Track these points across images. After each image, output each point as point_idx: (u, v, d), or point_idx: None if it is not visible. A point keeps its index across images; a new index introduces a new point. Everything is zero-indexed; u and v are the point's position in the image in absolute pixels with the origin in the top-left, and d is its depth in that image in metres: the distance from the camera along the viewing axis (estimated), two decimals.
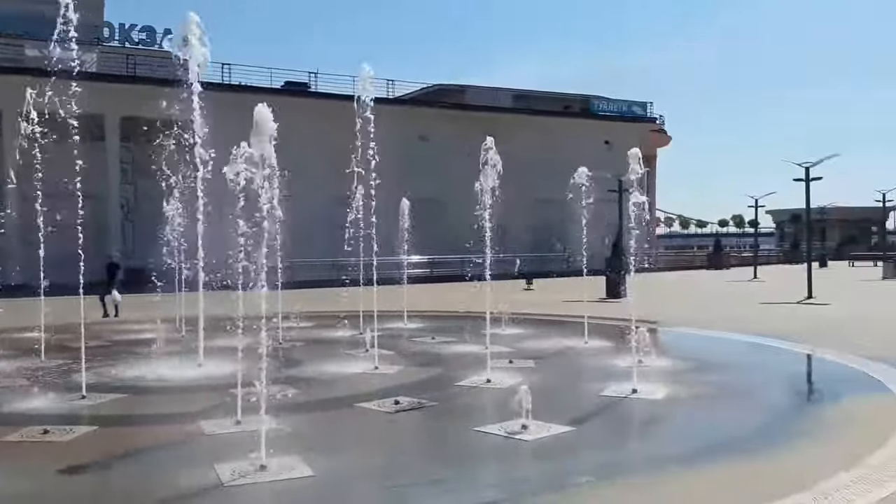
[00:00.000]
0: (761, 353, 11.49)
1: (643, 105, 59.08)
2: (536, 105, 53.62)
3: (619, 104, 57.50)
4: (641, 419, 7.37)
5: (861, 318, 17.63)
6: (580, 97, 58.13)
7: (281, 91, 41.33)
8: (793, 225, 74.20)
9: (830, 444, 5.96)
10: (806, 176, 25.63)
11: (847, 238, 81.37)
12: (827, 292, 24.59)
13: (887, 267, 36.48)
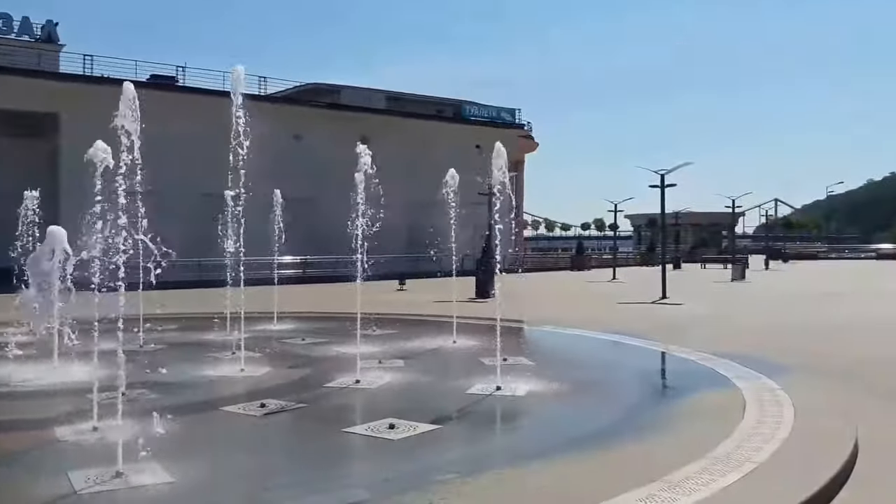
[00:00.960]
0: (619, 350, 12.07)
1: (511, 112, 60.82)
2: (410, 108, 54.06)
3: (489, 110, 58.91)
4: (505, 415, 7.59)
5: (711, 317, 18.94)
6: (452, 102, 59.13)
7: (146, 84, 39.45)
8: (649, 229, 78.38)
9: (680, 436, 6.33)
10: (661, 182, 27.22)
11: (699, 241, 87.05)
12: (680, 293, 26.19)
13: (735, 269, 39.28)
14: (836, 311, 20.23)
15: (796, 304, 22.81)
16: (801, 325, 16.65)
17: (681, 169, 28.18)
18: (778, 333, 15.23)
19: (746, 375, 8.91)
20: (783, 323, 17.43)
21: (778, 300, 24.89)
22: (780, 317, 19.01)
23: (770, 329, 16.08)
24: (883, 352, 12.23)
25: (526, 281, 38.06)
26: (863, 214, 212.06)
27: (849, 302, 23.25)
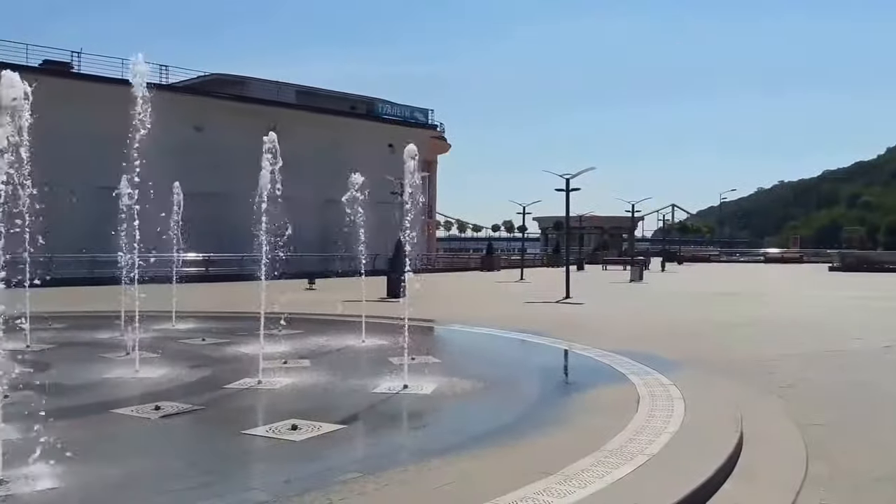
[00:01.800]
0: (523, 348, 12.33)
1: (425, 112, 61.01)
2: (322, 103, 53.31)
3: (402, 109, 58.87)
4: (411, 413, 7.60)
5: (610, 316, 19.60)
6: (365, 99, 58.71)
7: (38, 70, 37.39)
8: (556, 231, 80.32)
9: (578, 430, 6.50)
10: (566, 186, 27.95)
11: (602, 244, 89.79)
12: (582, 293, 26.98)
13: (634, 271, 40.77)
14: (725, 310, 21.28)
15: (689, 304, 23.87)
16: (692, 324, 17.46)
17: (586, 174, 29.03)
18: (671, 331, 15.91)
19: (641, 371, 9.24)
20: (676, 321, 18.22)
21: (672, 300, 25.97)
22: (673, 316, 19.84)
23: (664, 327, 16.78)
24: (767, 350, 12.95)
25: (438, 280, 38.40)
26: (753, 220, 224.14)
27: (737, 302, 24.50)
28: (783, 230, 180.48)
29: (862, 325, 16.90)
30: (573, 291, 26.29)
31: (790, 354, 12.42)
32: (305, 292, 26.97)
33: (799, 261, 74.74)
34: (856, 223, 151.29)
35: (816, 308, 21.96)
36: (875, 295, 27.02)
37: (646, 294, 29.88)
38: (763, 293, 29.02)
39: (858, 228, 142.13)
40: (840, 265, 56.65)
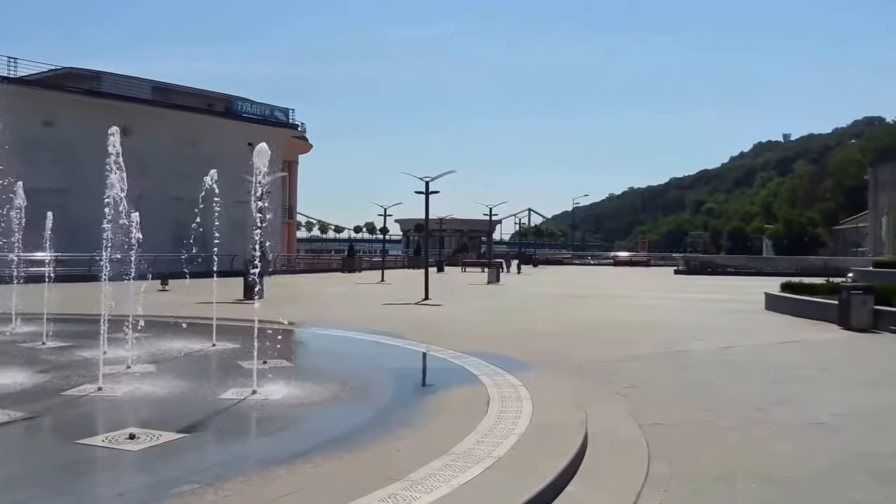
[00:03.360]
0: (379, 350, 12.21)
1: (285, 111, 59.76)
2: (178, 100, 51.06)
3: (261, 107, 57.38)
4: (259, 420, 7.32)
5: (466, 317, 19.95)
6: (224, 96, 56.78)
7: None
8: (417, 233, 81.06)
9: (426, 434, 6.49)
10: (426, 189, 28.24)
11: (461, 246, 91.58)
12: (441, 294, 27.32)
13: (491, 273, 41.78)
14: (575, 312, 22.21)
15: (542, 306, 24.72)
16: (544, 325, 18.08)
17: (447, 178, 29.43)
18: (524, 332, 16.39)
19: (493, 373, 9.42)
20: (529, 323, 18.80)
21: (526, 302, 26.80)
22: (527, 317, 20.47)
23: (518, 328, 17.27)
24: (613, 351, 13.57)
25: (298, 282, 37.70)
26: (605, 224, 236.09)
27: (587, 304, 25.63)
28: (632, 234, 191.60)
29: (703, 327, 18.07)
30: (432, 293, 26.57)
31: (635, 355, 13.08)
32: (157, 294, 25.67)
33: (646, 264, 79.32)
34: (700, 229, 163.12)
35: (661, 310, 23.31)
36: (716, 297, 29.02)
37: (502, 296, 30.68)
38: (611, 295, 30.53)
39: (702, 234, 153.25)
40: (685, 268, 60.61)
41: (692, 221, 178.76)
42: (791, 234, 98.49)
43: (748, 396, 9.47)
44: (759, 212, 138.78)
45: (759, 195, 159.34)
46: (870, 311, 17.15)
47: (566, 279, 46.87)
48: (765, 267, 58.92)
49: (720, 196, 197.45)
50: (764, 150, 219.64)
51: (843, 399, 9.33)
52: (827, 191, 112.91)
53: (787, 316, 20.52)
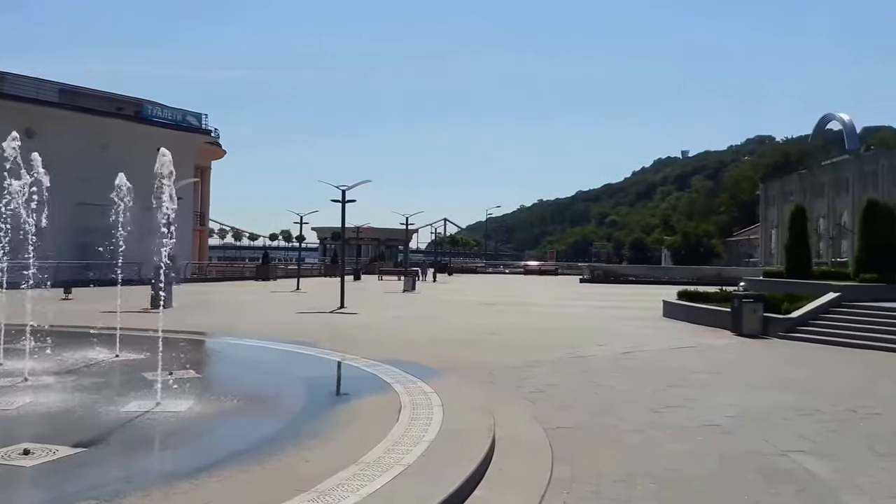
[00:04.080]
0: (291, 360, 12.08)
1: (198, 116, 58.23)
2: (87, 103, 49.01)
3: (173, 112, 55.72)
4: (162, 433, 7.12)
5: (381, 326, 19.96)
6: (134, 100, 54.86)
7: None
8: (333, 241, 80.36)
9: (338, 443, 6.49)
10: (342, 197, 28.14)
11: (378, 254, 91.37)
12: (357, 303, 27.23)
13: (407, 281, 41.89)
14: (487, 319, 22.55)
15: (455, 313, 24.98)
16: (458, 332, 18.30)
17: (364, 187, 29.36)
18: (438, 340, 16.57)
19: (405, 380, 9.50)
20: (443, 330, 19.00)
21: (441, 310, 27.01)
22: (441, 325, 20.67)
23: (431, 336, 17.43)
24: (522, 356, 13.89)
25: (210, 290, 36.72)
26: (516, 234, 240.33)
27: (499, 312, 26.04)
28: (542, 244, 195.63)
29: (605, 333, 18.73)
30: (348, 301, 26.46)
31: (542, 361, 13.44)
32: (60, 302, 24.55)
33: (555, 273, 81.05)
34: (604, 239, 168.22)
35: (567, 317, 23.96)
36: (618, 305, 30.04)
37: (417, 304, 30.82)
38: (522, 303, 31.13)
39: (606, 244, 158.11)
40: (590, 277, 62.39)
41: (597, 232, 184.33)
42: (688, 245, 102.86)
43: (647, 400, 9.89)
44: (659, 224, 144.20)
45: (658, 208, 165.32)
46: (760, 318, 18.16)
47: (479, 287, 47.44)
48: (663, 276, 61.29)
49: (623, 209, 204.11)
50: (663, 165, 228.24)
51: (735, 401, 9.86)
52: (722, 204, 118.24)
53: (683, 322, 21.48)
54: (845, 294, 18.77)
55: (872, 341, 15.57)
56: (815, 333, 17.04)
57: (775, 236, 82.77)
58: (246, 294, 36.18)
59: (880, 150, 72.40)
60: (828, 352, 15.15)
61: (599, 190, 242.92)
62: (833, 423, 8.46)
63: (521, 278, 71.03)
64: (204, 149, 59.19)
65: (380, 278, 58.46)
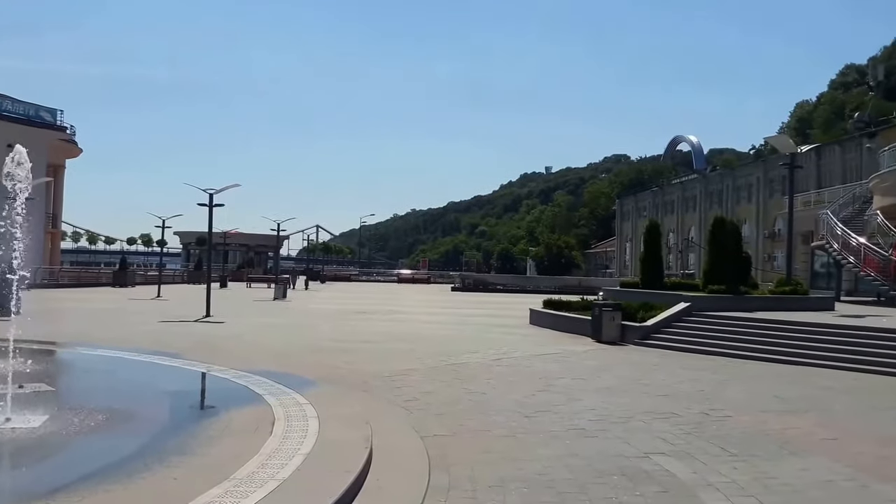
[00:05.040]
0: (155, 372, 11.55)
1: (53, 112, 54.67)
2: None
3: (25, 107, 52.03)
4: (12, 452, 6.60)
5: (250, 335, 19.40)
6: None
7: None
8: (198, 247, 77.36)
9: (207, 459, 6.27)
10: (210, 201, 27.16)
11: (247, 261, 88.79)
12: (224, 311, 26.36)
13: (278, 289, 40.92)
14: (361, 328, 22.45)
15: (329, 322, 24.69)
16: (331, 341, 18.11)
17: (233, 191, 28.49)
18: (311, 349, 16.33)
19: (278, 392, 9.31)
20: (316, 339, 18.73)
21: (313, 318, 26.61)
22: (313, 334, 20.36)
23: (304, 345, 17.15)
24: (397, 365, 13.94)
25: (62, 297, 34.31)
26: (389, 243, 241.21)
27: (372, 320, 25.98)
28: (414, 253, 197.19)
29: (476, 340, 19.10)
30: (215, 309, 25.55)
31: (416, 369, 13.54)
32: None
33: (427, 281, 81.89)
34: (474, 249, 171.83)
35: (439, 325, 24.24)
36: (488, 312, 30.72)
37: (289, 312, 30.21)
38: (395, 311, 31.21)
39: (476, 254, 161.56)
40: (461, 286, 63.46)
41: (467, 242, 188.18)
42: (551, 256, 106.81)
43: (517, 405, 10.19)
44: (525, 235, 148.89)
45: (524, 220, 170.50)
46: (618, 325, 19.14)
47: (353, 295, 47.11)
48: (529, 285, 63.28)
49: (491, 220, 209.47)
50: (529, 180, 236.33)
51: (598, 405, 10.33)
52: (582, 218, 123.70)
53: (548, 330, 22.30)
54: (695, 304, 20.08)
55: (720, 348, 16.75)
56: (668, 340, 18.14)
57: (630, 249, 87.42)
58: (102, 301, 34.13)
59: (724, 171, 77.90)
60: (680, 358, 16.15)
61: (470, 201, 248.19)
62: (689, 426, 9.03)
63: (395, 286, 71.18)
64: (58, 146, 55.61)
65: (248, 286, 56.79)
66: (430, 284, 76.77)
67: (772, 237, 58.95)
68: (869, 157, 43.56)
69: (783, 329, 17.19)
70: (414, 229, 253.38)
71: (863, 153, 47.79)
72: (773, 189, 60.34)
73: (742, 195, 67.20)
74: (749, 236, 58.51)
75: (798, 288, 23.41)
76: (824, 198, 42.28)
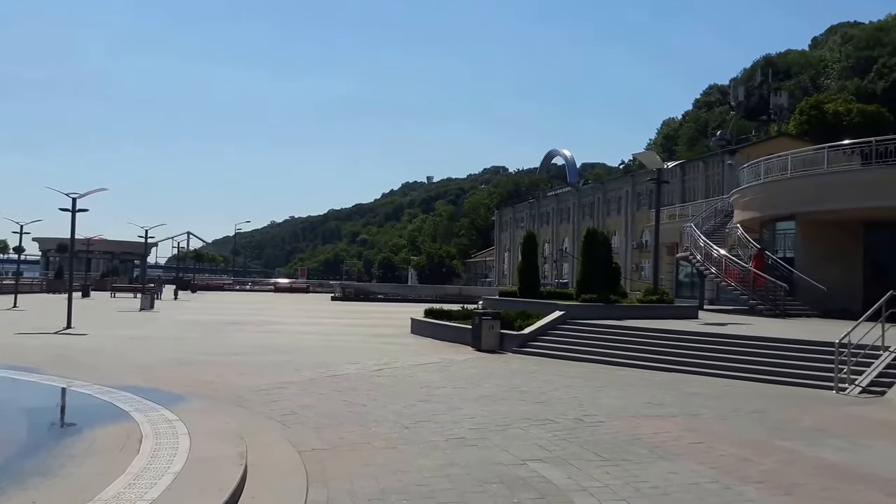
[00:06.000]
0: (11, 388, 10.80)
1: None
2: None
3: None
4: None
5: (115, 348, 18.37)
6: None
7: None
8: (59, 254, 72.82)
9: (69, 480, 5.88)
10: (72, 207, 25.54)
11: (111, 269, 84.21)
12: (87, 322, 24.87)
13: (145, 298, 39.00)
14: (235, 340, 21.74)
15: (200, 334, 23.75)
16: (203, 354, 17.41)
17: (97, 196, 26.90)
18: (180, 363, 15.62)
19: (146, 408, 8.87)
20: (187, 352, 17.93)
21: (183, 330, 25.54)
22: (184, 346, 19.50)
23: (174, 358, 16.39)
24: (273, 377, 13.59)
25: None
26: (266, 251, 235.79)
27: (247, 331, 25.23)
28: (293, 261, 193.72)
29: (357, 350, 18.90)
30: (77, 320, 24.00)
31: (293, 381, 13.23)
32: None
33: (306, 291, 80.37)
34: (355, 258, 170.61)
35: (318, 336, 23.83)
36: (369, 322, 30.51)
37: (157, 323, 28.82)
38: (271, 322, 30.44)
39: (357, 262, 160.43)
40: (342, 295, 62.67)
41: (348, 251, 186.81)
42: (432, 265, 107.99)
43: (397, 416, 10.15)
44: (406, 244, 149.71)
45: (406, 229, 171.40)
46: (497, 334, 19.52)
47: (226, 305, 45.59)
48: (410, 294, 63.43)
49: (373, 228, 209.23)
50: (411, 189, 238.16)
51: (478, 414, 10.45)
52: (462, 228, 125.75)
53: (429, 339, 22.43)
54: (569, 312, 20.76)
55: (594, 355, 17.38)
56: (544, 348, 18.65)
57: (508, 258, 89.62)
58: None
59: (596, 184, 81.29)
60: (556, 365, 16.62)
61: (351, 209, 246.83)
62: (564, 432, 9.29)
63: (272, 296, 69.48)
64: None
65: (112, 295, 53.86)
66: (308, 294, 75.45)
67: (640, 248, 62.08)
68: (730, 172, 46.58)
69: (651, 336, 18.03)
70: (292, 237, 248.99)
71: (724, 169, 51.17)
72: (640, 202, 63.58)
73: (612, 207, 70.35)
74: (619, 247, 61.39)
75: (664, 297, 24.66)
76: (688, 211, 44.91)
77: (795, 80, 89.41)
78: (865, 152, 24.08)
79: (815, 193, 25.55)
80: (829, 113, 62.63)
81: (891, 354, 13.74)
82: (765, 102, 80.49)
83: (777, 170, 27.51)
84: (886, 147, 22.97)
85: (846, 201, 24.17)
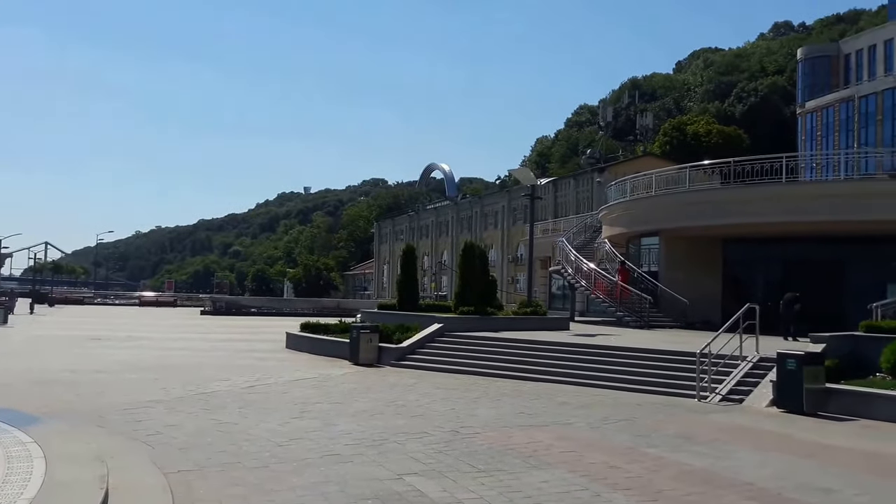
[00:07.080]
0: None
1: None
2: None
3: None
4: None
5: None
6: None
7: None
8: None
9: None
10: None
11: None
12: None
13: None
14: (96, 356, 20.51)
15: (58, 350, 22.28)
16: (60, 372, 16.32)
17: None
18: (36, 381, 14.59)
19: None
20: (42, 370, 16.74)
21: (39, 346, 23.88)
22: (39, 363, 18.21)
23: (28, 377, 15.28)
24: (137, 396, 12.94)
25: None
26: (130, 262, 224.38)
27: (109, 347, 23.86)
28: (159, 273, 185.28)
29: (227, 367, 18.22)
30: None
31: (160, 400, 12.62)
32: None
33: (173, 304, 77.02)
34: (227, 270, 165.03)
35: (187, 351, 22.81)
36: (241, 337, 29.53)
37: (9, 339, 26.77)
38: (136, 337, 28.90)
39: (229, 275, 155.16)
40: (212, 309, 60.34)
41: (220, 262, 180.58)
42: (309, 278, 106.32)
43: (270, 434, 9.90)
44: (282, 256, 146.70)
45: (282, 241, 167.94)
46: (375, 347, 19.45)
47: (87, 319, 42.94)
48: (286, 307, 62.10)
49: (247, 240, 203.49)
50: (287, 199, 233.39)
51: (354, 429, 10.35)
52: (341, 240, 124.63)
53: (306, 354, 22.03)
54: (447, 325, 20.99)
55: (471, 367, 17.64)
56: (422, 361, 18.75)
57: (387, 271, 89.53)
58: None
59: (473, 198, 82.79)
60: (434, 377, 16.72)
61: (223, 219, 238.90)
62: (440, 445, 9.35)
63: (136, 310, 66.14)
64: None
65: None
66: (176, 308, 72.29)
67: (515, 261, 63.68)
68: (599, 190, 48.67)
69: (524, 348, 18.52)
70: (159, 248, 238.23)
71: (594, 186, 53.43)
72: (516, 217, 65.30)
73: (489, 222, 71.84)
74: (495, 260, 62.74)
75: (538, 309, 25.39)
76: (560, 226, 46.59)
77: (660, 101, 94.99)
78: (724, 172, 25.64)
79: (677, 211, 27.08)
80: (690, 134, 66.91)
81: (748, 364, 14.73)
82: (632, 123, 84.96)
83: (642, 188, 28.92)
84: (744, 167, 24.54)
85: (706, 218, 25.71)
